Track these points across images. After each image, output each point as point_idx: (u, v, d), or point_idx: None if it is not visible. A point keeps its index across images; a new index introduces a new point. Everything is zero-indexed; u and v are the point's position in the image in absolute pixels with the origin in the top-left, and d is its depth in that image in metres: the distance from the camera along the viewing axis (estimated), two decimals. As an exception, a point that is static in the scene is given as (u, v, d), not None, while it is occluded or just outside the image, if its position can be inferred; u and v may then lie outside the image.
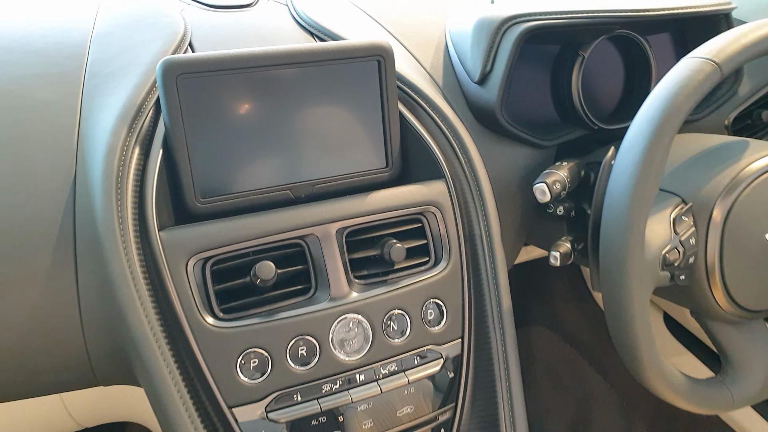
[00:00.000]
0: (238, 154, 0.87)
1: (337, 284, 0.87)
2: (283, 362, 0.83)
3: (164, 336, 0.79)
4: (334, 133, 0.92)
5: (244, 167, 0.88)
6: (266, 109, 0.88)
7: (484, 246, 0.96)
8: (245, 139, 0.88)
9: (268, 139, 0.89)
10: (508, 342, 0.94)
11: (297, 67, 0.88)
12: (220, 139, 0.86)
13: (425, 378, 0.91)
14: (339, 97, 0.92)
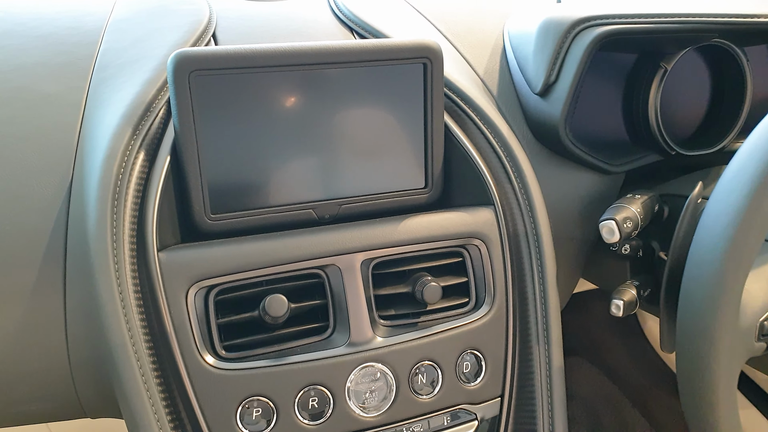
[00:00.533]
0: (257, 164, 0.75)
1: (359, 325, 0.74)
2: (290, 414, 0.70)
3: (155, 376, 0.67)
4: (368, 145, 0.79)
5: (263, 180, 0.76)
6: (292, 114, 0.75)
7: (536, 288, 0.82)
8: (266, 148, 0.75)
9: (291, 149, 0.76)
10: (556, 406, 0.80)
11: (330, 67, 0.75)
12: (236, 146, 0.74)
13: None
14: (376, 103, 0.78)
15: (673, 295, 0.75)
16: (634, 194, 0.86)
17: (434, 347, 0.76)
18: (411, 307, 0.78)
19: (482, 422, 0.79)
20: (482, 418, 0.79)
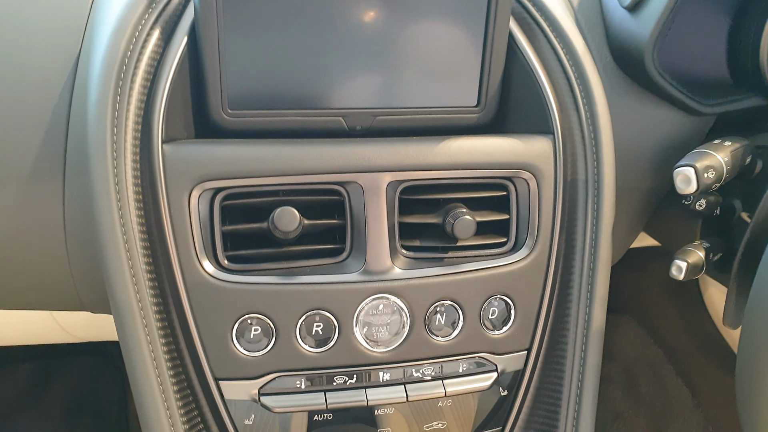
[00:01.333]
0: (286, 59, 0.65)
1: (377, 253, 0.66)
2: (290, 338, 0.64)
3: (149, 278, 0.62)
4: (414, 50, 0.68)
5: (291, 78, 0.66)
6: (330, 8, 0.64)
7: (587, 238, 0.71)
8: (297, 43, 0.65)
9: (326, 46, 0.66)
10: (588, 372, 0.71)
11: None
12: (265, 36, 0.64)
13: (469, 393, 0.70)
14: (429, 1, 0.67)
15: (751, 265, 0.63)
16: (723, 140, 0.72)
17: (459, 287, 0.67)
18: (439, 240, 0.69)
19: (502, 375, 0.71)
20: (503, 370, 0.71)
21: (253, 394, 0.65)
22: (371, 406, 0.67)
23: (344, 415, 0.67)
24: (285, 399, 0.65)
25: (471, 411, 0.71)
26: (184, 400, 0.63)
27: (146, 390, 0.61)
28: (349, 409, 0.67)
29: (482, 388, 0.69)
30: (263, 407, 0.64)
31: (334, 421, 0.67)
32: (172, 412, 0.61)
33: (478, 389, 0.69)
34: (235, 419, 0.65)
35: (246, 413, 0.65)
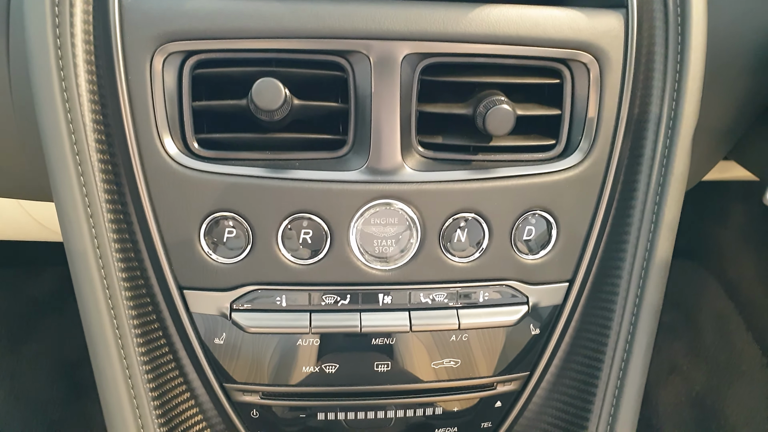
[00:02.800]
0: None
1: (385, 147, 0.52)
2: (270, 244, 0.52)
3: (100, 161, 0.50)
4: None
5: None
6: None
7: (658, 145, 0.54)
8: None
9: None
10: (644, 313, 0.56)
11: None
12: None
13: (490, 327, 0.57)
14: None
15: None
16: None
17: (487, 197, 0.53)
18: (467, 137, 0.54)
19: (534, 310, 0.57)
20: (536, 304, 0.57)
21: (224, 309, 0.54)
22: (366, 333, 0.55)
23: (334, 342, 0.56)
24: (261, 318, 0.53)
25: (492, 350, 0.58)
26: (139, 311, 0.53)
27: (89, 296, 0.50)
28: (339, 334, 0.55)
29: (507, 323, 0.56)
30: (234, 325, 0.54)
31: (323, 350, 0.56)
32: (120, 323, 0.51)
33: (502, 324, 0.56)
34: (204, 336, 0.55)
35: (216, 330, 0.55)
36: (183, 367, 0.57)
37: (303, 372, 0.56)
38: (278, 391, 0.57)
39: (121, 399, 0.51)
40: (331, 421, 0.59)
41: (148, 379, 0.52)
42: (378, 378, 0.57)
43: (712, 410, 1.44)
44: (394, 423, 0.60)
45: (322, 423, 0.59)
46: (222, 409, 0.58)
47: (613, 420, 0.56)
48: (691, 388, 1.47)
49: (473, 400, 0.60)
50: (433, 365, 0.57)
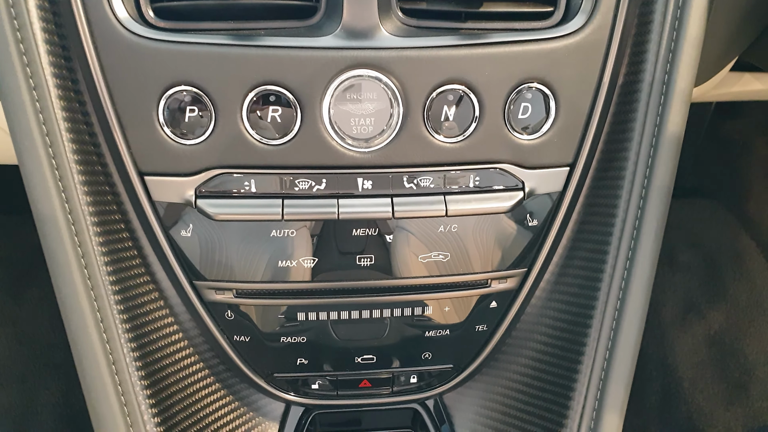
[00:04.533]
0: None
1: (360, 7, 0.46)
2: (234, 121, 0.47)
3: (45, 30, 0.45)
4: None
5: None
6: None
7: (669, 6, 0.48)
8: None
9: None
10: (653, 196, 0.50)
11: None
12: None
13: (482, 213, 0.51)
14: None
15: None
16: None
17: (476, 66, 0.47)
18: (454, 1, 0.48)
19: (531, 198, 0.51)
20: (532, 190, 0.51)
21: (188, 196, 0.49)
22: (345, 223, 0.50)
23: (311, 233, 0.51)
24: (229, 204, 0.49)
25: (485, 244, 0.53)
26: (97, 198, 0.48)
27: (36, 179, 0.46)
28: (318, 226, 0.50)
29: (500, 210, 0.51)
30: (200, 212, 0.49)
31: (299, 242, 0.51)
32: (73, 207, 0.47)
33: (494, 211, 0.51)
34: (169, 228, 0.50)
35: (181, 221, 0.50)
36: (150, 265, 0.53)
37: (279, 267, 0.51)
38: (253, 288, 0.52)
39: (78, 294, 0.47)
40: (318, 328, 0.55)
41: (109, 274, 0.48)
42: (361, 273, 0.52)
43: (731, 349, 1.38)
44: (387, 333, 0.56)
45: (305, 328, 0.55)
46: (194, 310, 0.54)
47: (619, 316, 0.51)
48: (709, 327, 1.41)
49: (466, 301, 0.55)
50: (421, 259, 0.52)
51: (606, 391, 0.51)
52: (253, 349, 0.56)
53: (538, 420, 0.56)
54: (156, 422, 0.50)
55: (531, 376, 0.58)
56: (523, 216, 0.52)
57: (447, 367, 0.59)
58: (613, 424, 0.50)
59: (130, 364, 0.49)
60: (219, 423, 0.56)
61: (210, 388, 0.57)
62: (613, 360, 0.51)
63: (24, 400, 1.30)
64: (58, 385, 1.31)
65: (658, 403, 1.35)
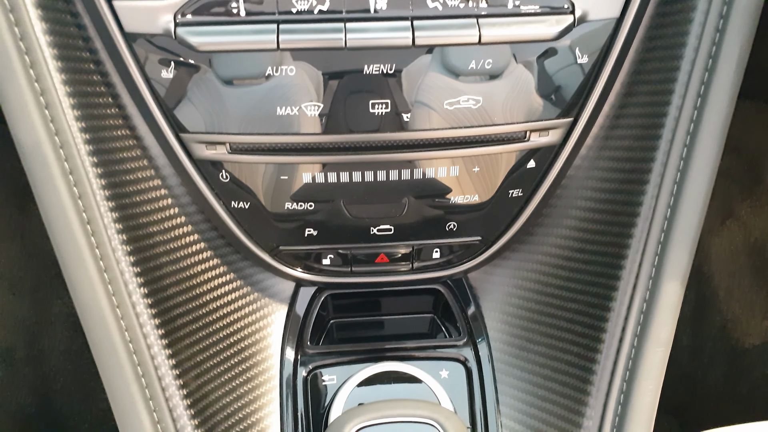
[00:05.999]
0: None
1: None
2: None
3: None
4: None
5: None
6: None
7: None
8: None
9: None
10: (731, 28, 0.40)
11: None
12: None
13: (523, 41, 0.42)
14: None
15: None
16: None
17: None
18: None
19: (581, 22, 0.42)
20: (584, 14, 0.41)
21: (167, 24, 0.41)
22: (354, 53, 0.41)
23: (314, 72, 0.42)
24: (214, 32, 0.40)
25: (524, 84, 0.44)
26: (56, 27, 0.40)
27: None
28: (321, 60, 0.42)
29: (544, 36, 0.41)
30: (183, 45, 0.40)
31: (301, 84, 0.43)
32: (29, 45, 0.38)
33: (538, 38, 0.41)
34: (147, 67, 0.42)
35: (161, 59, 0.42)
36: (129, 117, 0.45)
37: (277, 115, 0.43)
38: (249, 142, 0.45)
39: (36, 130, 0.39)
40: (326, 192, 0.47)
41: (77, 119, 0.40)
42: (374, 123, 0.44)
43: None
44: (406, 198, 0.48)
45: (312, 192, 0.47)
46: (183, 171, 0.46)
47: (684, 170, 0.42)
48: (748, 234, 1.32)
49: (498, 159, 0.47)
50: (447, 105, 0.44)
51: (665, 257, 0.43)
52: (254, 218, 0.49)
53: (582, 297, 0.49)
54: (143, 293, 0.43)
55: (573, 249, 0.50)
56: (571, 49, 0.43)
57: (474, 240, 0.52)
58: (674, 292, 0.43)
59: (109, 225, 0.42)
60: (219, 302, 0.50)
61: (208, 263, 0.50)
62: (675, 221, 0.43)
63: (37, 311, 1.28)
64: (70, 296, 1.29)
65: (691, 312, 1.28)
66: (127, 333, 0.42)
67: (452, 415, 0.44)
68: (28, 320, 1.27)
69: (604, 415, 0.44)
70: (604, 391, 0.44)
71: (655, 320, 0.43)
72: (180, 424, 0.43)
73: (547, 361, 0.50)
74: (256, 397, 0.50)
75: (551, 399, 0.48)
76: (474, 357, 0.53)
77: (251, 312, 0.53)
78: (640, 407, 0.43)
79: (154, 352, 0.43)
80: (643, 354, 0.43)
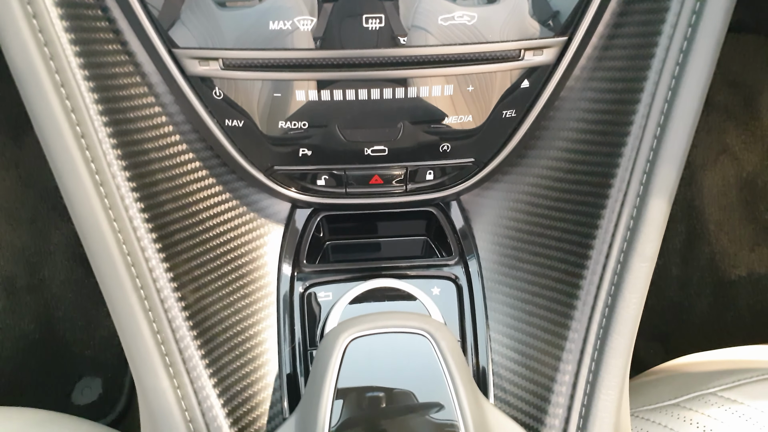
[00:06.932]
0: None
1: None
2: None
3: None
4: None
5: None
6: None
7: None
8: None
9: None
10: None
11: None
12: None
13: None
14: None
15: None
16: None
17: None
18: None
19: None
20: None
21: None
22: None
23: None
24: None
25: (519, 1, 0.43)
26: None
27: None
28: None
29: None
30: None
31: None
32: None
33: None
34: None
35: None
36: (120, 31, 0.44)
37: (270, 29, 0.43)
38: (242, 57, 0.44)
39: (32, 58, 0.39)
40: (320, 111, 0.47)
41: (66, 31, 0.40)
42: (369, 37, 0.43)
43: (763, 191, 1.32)
44: (398, 118, 0.48)
45: (306, 110, 0.47)
46: (177, 89, 0.46)
47: (675, 87, 0.43)
48: (741, 169, 1.33)
49: (492, 79, 0.47)
50: (441, 21, 0.43)
51: (653, 174, 0.44)
52: (249, 137, 0.49)
53: (571, 216, 0.50)
54: (140, 208, 0.44)
55: (563, 170, 0.51)
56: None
57: (467, 161, 0.52)
58: (661, 209, 0.44)
59: (103, 140, 0.42)
60: (216, 221, 0.51)
61: (204, 182, 0.50)
62: (664, 138, 0.43)
63: (36, 241, 1.29)
64: (68, 226, 1.30)
65: (681, 245, 1.30)
66: (125, 246, 0.43)
67: (442, 327, 0.46)
68: (28, 250, 1.28)
69: (589, 326, 0.46)
70: (590, 304, 0.46)
71: (641, 236, 0.44)
72: (179, 334, 0.45)
73: (536, 279, 0.51)
74: (254, 312, 0.52)
75: (538, 314, 0.50)
76: (465, 275, 0.55)
77: (247, 231, 0.54)
78: (625, 319, 0.44)
79: (152, 265, 0.44)
80: (629, 268, 0.44)
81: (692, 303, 1.30)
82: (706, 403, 0.65)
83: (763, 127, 1.36)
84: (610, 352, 0.44)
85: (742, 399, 0.65)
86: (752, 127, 1.36)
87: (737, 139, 1.36)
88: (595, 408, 0.44)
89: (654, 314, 1.30)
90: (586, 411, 0.45)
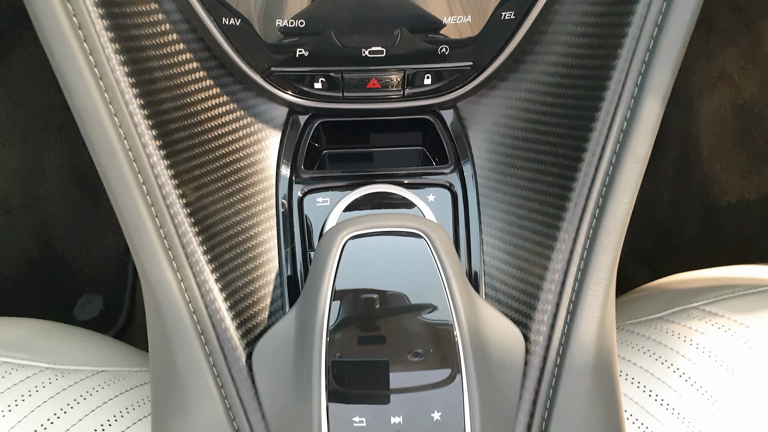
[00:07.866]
0: None
1: None
2: None
3: None
4: None
5: None
6: None
7: None
8: None
9: None
10: None
11: None
12: None
13: None
14: None
15: None
16: None
17: None
18: None
19: None
20: None
21: None
22: None
23: None
24: None
25: None
26: None
27: None
28: None
29: None
30: None
31: None
32: None
33: None
34: None
35: None
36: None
37: None
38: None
39: None
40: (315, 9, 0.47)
41: None
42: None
43: (759, 119, 1.32)
44: (399, 40, 0.48)
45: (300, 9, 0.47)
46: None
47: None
48: (738, 95, 1.33)
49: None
50: None
51: (648, 74, 0.44)
52: (245, 36, 0.49)
53: (565, 120, 0.50)
54: (140, 104, 0.44)
55: (560, 75, 0.51)
56: None
57: (466, 65, 0.52)
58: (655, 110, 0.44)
59: (101, 33, 0.42)
60: (215, 122, 0.51)
61: (202, 83, 0.50)
62: (661, 36, 0.43)
63: (29, 162, 1.29)
64: (62, 147, 1.29)
65: (673, 171, 1.32)
66: (127, 141, 0.43)
67: (438, 227, 0.47)
68: (21, 170, 1.28)
69: (579, 227, 0.47)
70: (581, 205, 0.47)
71: (634, 136, 0.45)
72: (182, 230, 0.46)
73: (529, 184, 0.53)
74: (254, 214, 0.53)
75: (531, 217, 0.52)
76: (460, 181, 0.56)
77: (246, 135, 0.54)
78: (614, 217, 0.46)
79: (153, 161, 0.44)
80: (621, 168, 0.45)
81: (682, 228, 1.33)
82: (689, 316, 0.68)
83: (763, 54, 1.35)
84: (599, 249, 0.46)
85: (722, 312, 0.68)
86: (752, 52, 1.35)
87: (736, 66, 1.34)
88: (582, 302, 0.47)
89: (644, 238, 1.33)
90: (573, 306, 0.47)
